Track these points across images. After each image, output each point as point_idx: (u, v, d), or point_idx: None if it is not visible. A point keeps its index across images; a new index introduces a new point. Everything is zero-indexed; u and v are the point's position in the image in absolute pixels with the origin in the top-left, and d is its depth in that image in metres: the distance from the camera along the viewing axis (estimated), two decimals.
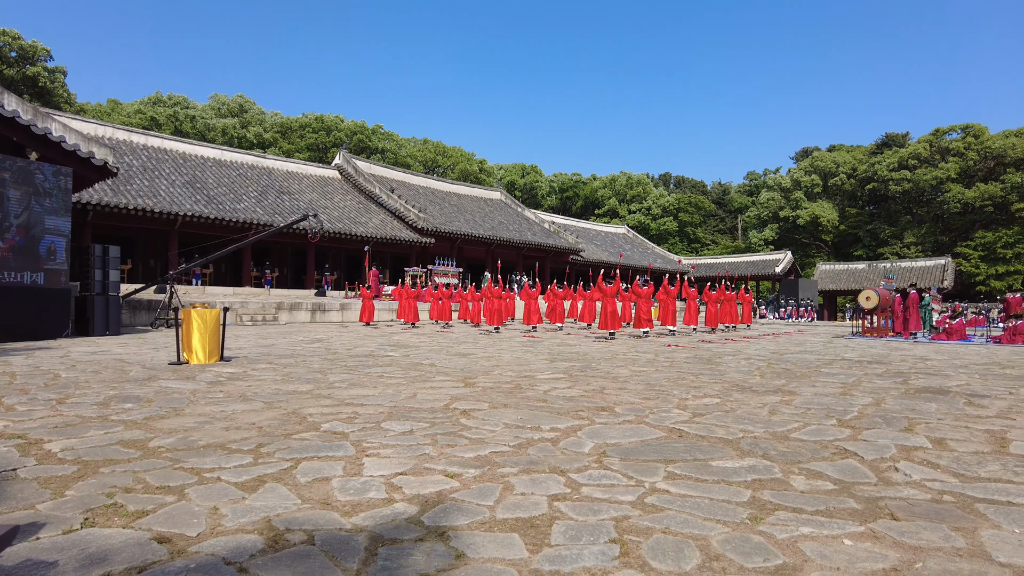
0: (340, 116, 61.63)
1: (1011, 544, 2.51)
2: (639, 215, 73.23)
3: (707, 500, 3.02)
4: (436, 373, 7.93)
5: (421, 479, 3.31)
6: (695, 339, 16.40)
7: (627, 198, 76.25)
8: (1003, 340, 16.76)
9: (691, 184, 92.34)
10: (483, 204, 42.73)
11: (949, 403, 6.04)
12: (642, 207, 74.67)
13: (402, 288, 22.86)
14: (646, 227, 70.96)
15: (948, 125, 58.82)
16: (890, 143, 63.95)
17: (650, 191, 77.38)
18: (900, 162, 57.89)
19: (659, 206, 74.43)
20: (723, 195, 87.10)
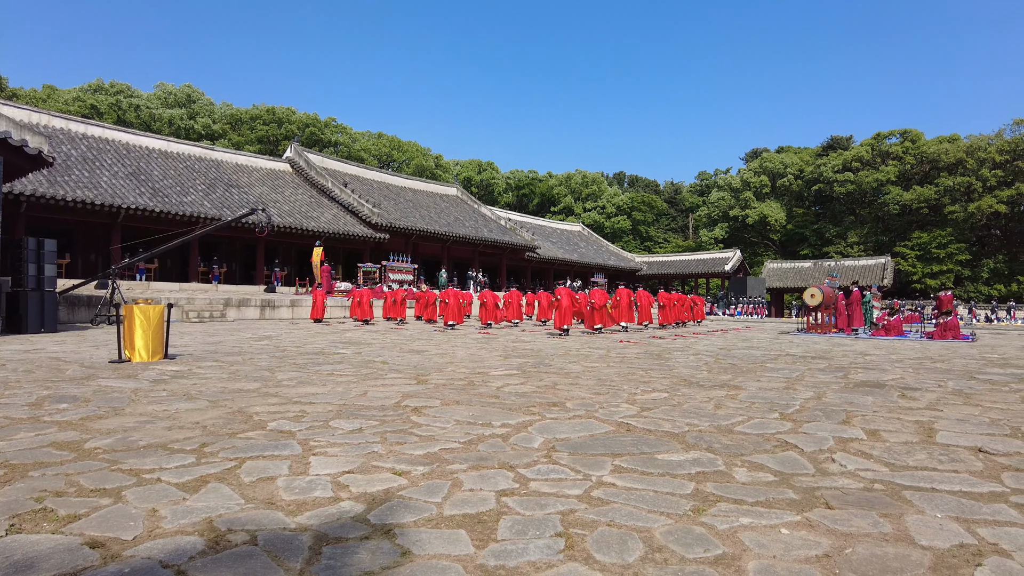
0: (292, 108, 60.37)
1: (932, 528, 2.64)
2: (594, 213, 74.01)
3: (652, 493, 3.08)
4: (388, 370, 7.86)
5: (369, 477, 3.28)
6: (647, 335, 16.68)
7: (582, 196, 76.98)
8: (935, 336, 17.58)
9: (644, 183, 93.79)
10: (439, 200, 42.49)
11: (884, 396, 6.31)
12: (597, 205, 75.49)
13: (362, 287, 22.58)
14: (601, 225, 71.78)
15: (888, 130, 61.39)
16: (835, 146, 66.21)
17: (605, 190, 78.32)
18: (844, 164, 60.03)
19: (613, 204, 75.39)
20: (675, 194, 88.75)
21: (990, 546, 2.47)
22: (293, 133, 55.49)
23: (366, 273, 29.66)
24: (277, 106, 59.52)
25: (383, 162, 65.19)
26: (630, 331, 18.47)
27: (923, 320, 24.56)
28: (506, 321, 21.76)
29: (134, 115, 51.50)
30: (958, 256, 52.53)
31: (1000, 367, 9.41)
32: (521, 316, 22.46)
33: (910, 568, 2.26)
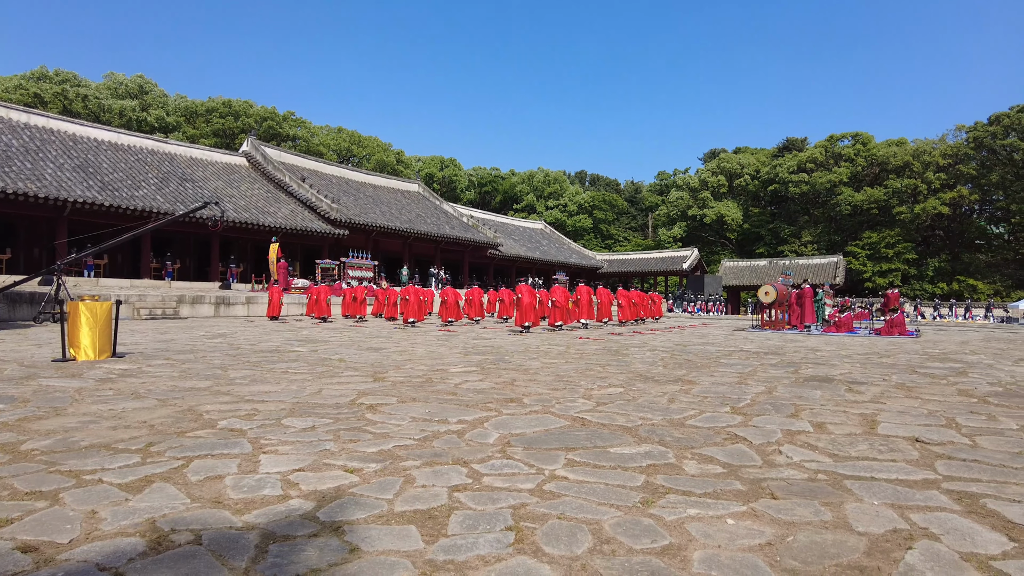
0: (250, 101, 59.11)
1: (869, 515, 2.75)
2: (556, 211, 74.39)
3: (603, 485, 3.12)
4: (345, 368, 7.77)
5: (319, 475, 3.24)
6: (606, 332, 16.86)
7: (545, 194, 77.30)
8: (883, 332, 18.20)
9: (605, 182, 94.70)
10: (400, 196, 42.13)
11: (832, 390, 6.51)
12: (559, 203, 75.90)
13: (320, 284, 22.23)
14: (562, 223, 72.20)
15: (841, 132, 63.29)
16: (790, 147, 67.94)
17: (567, 188, 78.80)
18: (799, 165, 61.64)
19: (575, 203, 75.90)
20: (635, 193, 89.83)
21: (921, 530, 2.58)
22: (250, 127, 54.32)
23: (324, 270, 29.22)
24: (234, 99, 58.19)
25: (343, 157, 64.30)
26: (590, 328, 18.64)
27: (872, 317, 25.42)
28: (468, 318, 21.73)
29: (81, 105, 49.64)
30: (905, 255, 54.50)
31: (940, 361, 9.80)
32: (483, 313, 22.45)
33: (846, 553, 2.35)
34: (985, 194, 56.49)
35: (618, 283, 47.58)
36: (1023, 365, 9.39)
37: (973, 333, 20.38)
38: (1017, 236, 56.78)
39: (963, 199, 55.84)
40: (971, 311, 41.12)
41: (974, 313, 40.81)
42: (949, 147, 56.89)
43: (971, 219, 59.24)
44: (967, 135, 55.98)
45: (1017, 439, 4.28)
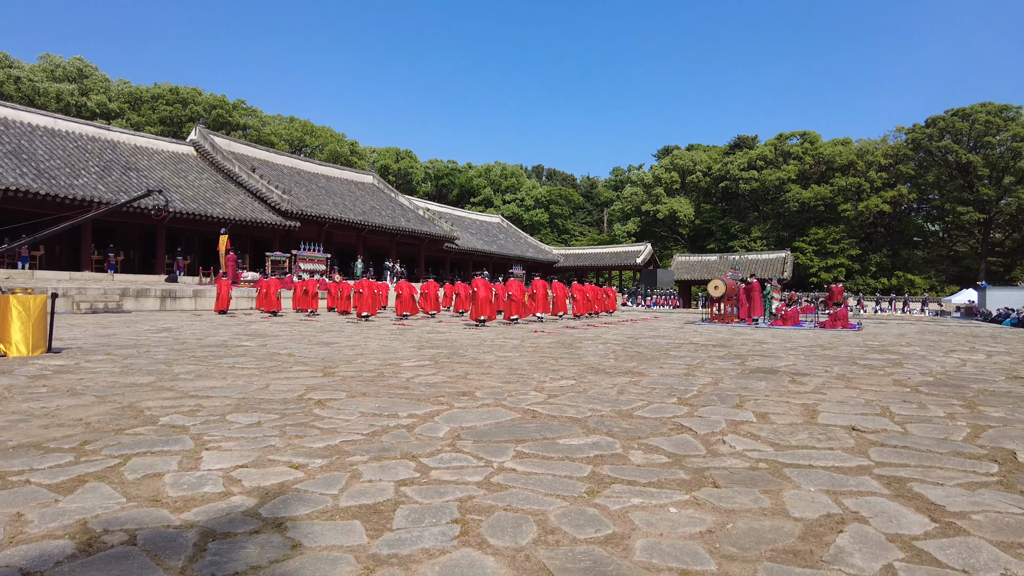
0: (198, 89, 57.19)
1: (806, 501, 2.85)
2: (513, 205, 74.45)
3: (550, 476, 3.15)
4: (294, 363, 7.63)
5: (263, 471, 3.18)
6: (561, 326, 16.99)
7: (502, 188, 77.25)
8: (827, 325, 18.85)
9: (562, 177, 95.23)
10: (354, 187, 41.49)
11: (776, 381, 6.71)
12: (516, 198, 75.97)
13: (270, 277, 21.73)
14: (519, 217, 72.31)
15: (790, 131, 65.02)
16: (741, 144, 69.51)
17: (524, 182, 78.92)
18: (749, 163, 63.16)
19: (532, 197, 76.10)
20: (591, 189, 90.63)
21: (852, 514, 2.68)
22: (199, 115, 52.61)
23: (275, 262, 28.58)
24: (181, 86, 56.21)
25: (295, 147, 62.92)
26: (545, 322, 18.75)
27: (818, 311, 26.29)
28: (423, 313, 21.59)
29: (13, 87, 47.21)
30: (849, 251, 56.48)
31: (879, 353, 10.20)
32: (439, 308, 22.33)
33: (782, 538, 2.43)
34: (922, 193, 58.98)
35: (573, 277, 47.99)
36: (952, 356, 9.86)
37: (910, 326, 21.29)
38: (951, 234, 59.53)
39: (903, 198, 58.18)
40: (909, 305, 42.96)
41: (912, 307, 42.64)
42: (890, 147, 59.20)
43: (910, 217, 61.76)
44: (906, 136, 58.29)
45: (943, 426, 4.49)
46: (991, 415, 4.93)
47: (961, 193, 54.70)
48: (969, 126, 53.50)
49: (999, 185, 53.67)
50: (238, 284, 25.07)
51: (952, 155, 54.03)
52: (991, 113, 52.84)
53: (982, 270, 52.80)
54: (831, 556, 2.26)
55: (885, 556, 2.27)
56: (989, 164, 53.28)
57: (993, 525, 2.59)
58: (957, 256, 58.80)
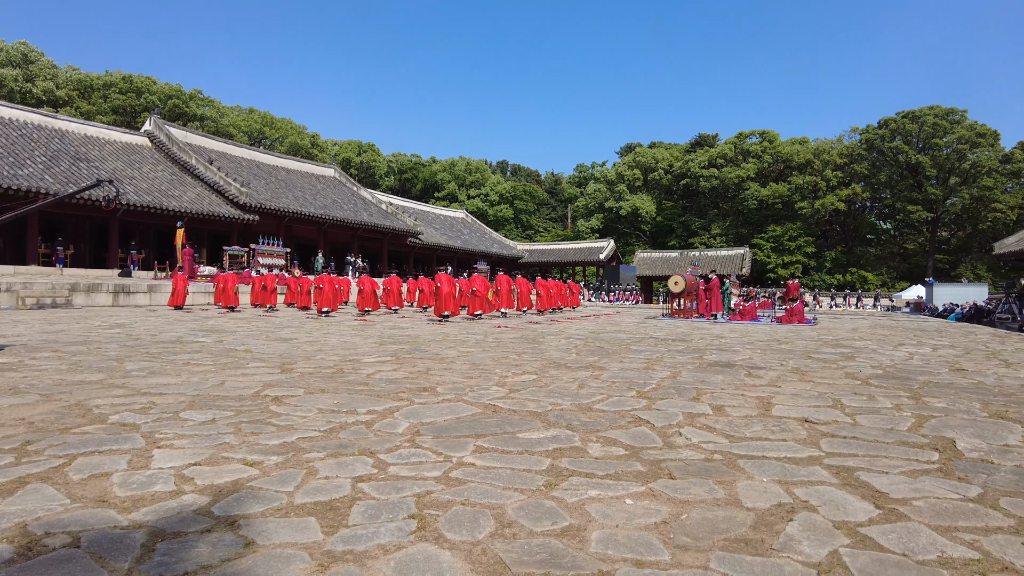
0: (153, 78, 55.58)
1: (758, 491, 2.91)
2: (478, 201, 74.29)
3: (509, 470, 3.16)
4: (251, 359, 7.48)
5: (217, 469, 3.11)
6: (524, 321, 17.04)
7: (466, 183, 77.00)
8: (783, 320, 19.32)
9: (526, 173, 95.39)
10: (315, 181, 40.84)
11: (733, 375, 6.84)
12: (480, 193, 75.82)
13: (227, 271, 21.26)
14: (484, 213, 72.21)
15: (749, 129, 66.33)
16: (702, 143, 70.66)
17: (488, 177, 78.80)
18: (710, 160, 64.25)
19: (496, 193, 76.06)
20: (555, 185, 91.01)
21: (802, 503, 2.76)
22: (154, 104, 51.08)
23: (233, 257, 27.99)
24: (135, 74, 54.55)
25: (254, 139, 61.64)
26: (509, 317, 18.78)
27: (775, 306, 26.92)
28: (386, 308, 21.40)
29: None
30: (806, 248, 57.93)
31: (833, 347, 10.50)
32: (401, 303, 22.17)
33: (735, 528, 2.48)
34: (875, 192, 60.83)
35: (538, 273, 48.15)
36: (901, 350, 10.20)
37: (863, 321, 21.95)
38: (901, 232, 61.58)
39: (857, 196, 59.95)
40: (862, 301, 44.30)
41: (865, 302, 43.98)
42: (845, 147, 60.92)
43: (863, 215, 63.66)
44: (860, 137, 60.08)
45: (890, 416, 4.65)
46: (934, 406, 5.12)
47: (911, 192, 56.61)
48: (918, 128, 55.38)
49: (946, 185, 55.71)
50: (195, 279, 24.48)
51: (902, 156, 55.86)
52: (938, 116, 54.78)
53: (930, 267, 54.79)
54: (780, 544, 2.32)
55: (831, 543, 2.34)
56: (936, 165, 55.25)
57: (932, 510, 2.69)
58: (907, 253, 60.88)
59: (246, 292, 22.83)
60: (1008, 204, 53.54)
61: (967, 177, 54.66)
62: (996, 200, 53.59)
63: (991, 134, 54.23)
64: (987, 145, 54.26)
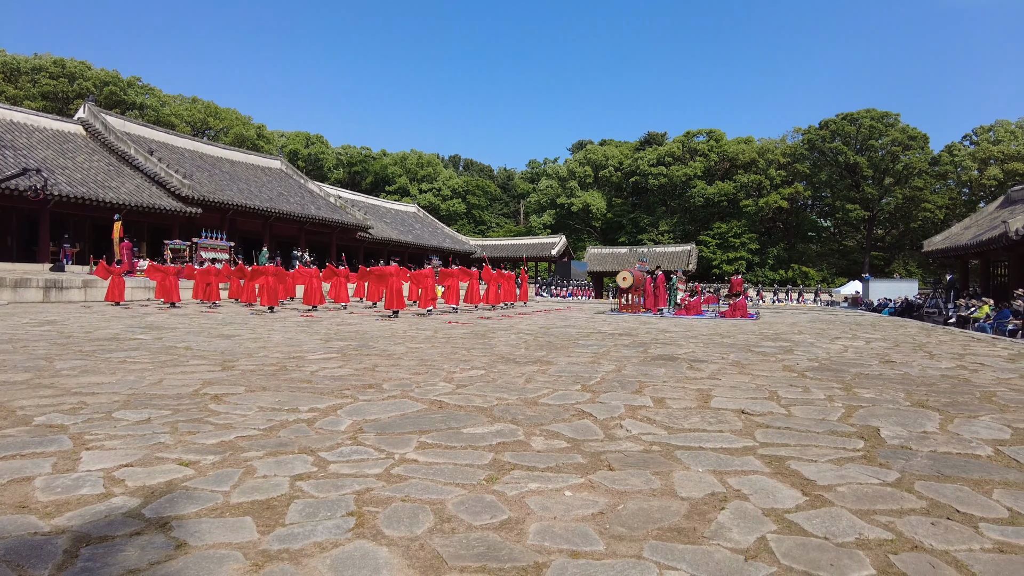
0: (87, 63, 53.11)
1: (693, 481, 3.01)
2: (430, 195, 73.75)
3: (451, 466, 3.17)
4: (191, 357, 7.27)
5: (150, 469, 3.02)
6: (476, 316, 17.03)
7: (418, 177, 76.34)
8: (727, 315, 19.86)
9: (479, 168, 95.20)
10: (260, 173, 39.80)
11: (675, 368, 7.01)
12: (433, 187, 75.29)
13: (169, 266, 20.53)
14: (436, 207, 71.73)
15: (697, 128, 67.78)
16: (651, 141, 71.82)
17: (441, 172, 78.33)
18: (659, 159, 65.40)
19: (449, 187, 75.65)
20: (508, 180, 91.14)
21: (735, 492, 2.86)
22: (88, 91, 48.79)
23: (174, 251, 27.05)
24: (68, 58, 52.00)
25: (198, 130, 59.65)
26: (460, 312, 18.73)
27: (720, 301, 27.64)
28: (333, 303, 21.07)
29: None
30: (750, 245, 59.61)
31: (772, 341, 10.86)
32: (349, 299, 21.85)
33: (669, 517, 2.55)
34: (816, 191, 63.03)
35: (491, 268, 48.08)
36: (837, 343, 10.63)
37: (803, 315, 22.75)
38: (840, 229, 64.03)
39: (799, 195, 61.95)
40: (803, 296, 45.88)
41: (805, 297, 45.55)
42: (788, 147, 62.91)
43: (805, 213, 65.87)
44: (803, 137, 62.10)
45: (823, 407, 4.85)
46: (863, 396, 5.36)
47: (849, 192, 58.90)
48: (856, 130, 57.64)
49: (881, 185, 58.19)
50: (133, 274, 23.57)
51: (842, 156, 58.06)
52: (875, 119, 57.14)
53: (866, 263, 57.13)
54: (712, 532, 2.40)
55: (760, 529, 2.43)
56: (873, 165, 57.63)
57: (854, 495, 2.83)
58: (845, 250, 63.35)
59: (188, 287, 22.11)
60: (936, 204, 56.30)
61: (900, 178, 57.22)
62: (926, 200, 56.29)
63: (921, 137, 56.90)
64: (918, 148, 56.90)
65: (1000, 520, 2.58)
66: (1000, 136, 56.27)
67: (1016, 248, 22.44)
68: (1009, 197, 29.79)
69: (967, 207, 54.68)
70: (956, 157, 56.58)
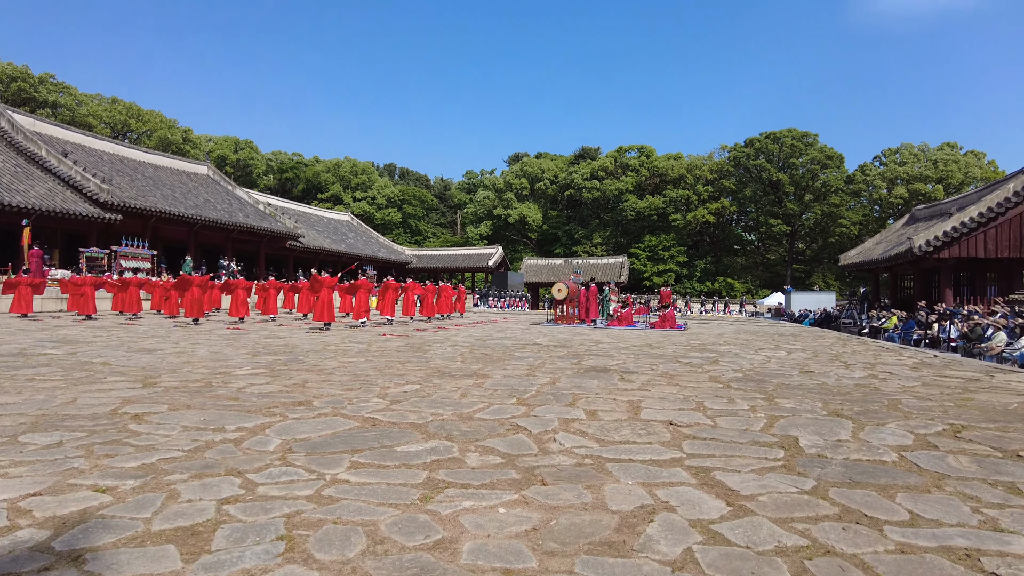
0: None
1: (623, 494, 3.08)
2: (364, 203, 72.73)
3: (384, 485, 3.14)
4: (109, 373, 6.90)
5: (61, 498, 2.86)
6: (411, 328, 16.87)
7: (352, 185, 75.20)
8: (656, 326, 20.41)
9: (415, 177, 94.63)
10: (186, 179, 38.27)
11: (608, 380, 7.16)
12: (367, 196, 74.30)
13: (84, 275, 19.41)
14: (371, 216, 70.77)
15: (629, 144, 69.69)
16: (585, 155, 73.43)
17: (376, 180, 77.42)
18: (592, 173, 66.87)
19: (384, 196, 74.84)
20: (445, 190, 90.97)
21: (663, 504, 2.95)
22: None
23: (90, 259, 25.61)
24: None
25: (118, 132, 56.89)
26: (395, 324, 18.51)
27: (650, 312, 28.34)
28: (261, 315, 20.44)
29: None
30: (678, 258, 61.58)
31: (700, 352, 11.24)
32: (277, 310, 21.25)
33: (600, 531, 2.61)
34: (741, 206, 65.83)
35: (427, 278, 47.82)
36: (760, 354, 11.10)
37: (729, 326, 23.63)
38: (764, 243, 67.00)
39: (725, 210, 64.53)
40: (729, 307, 47.72)
41: (732, 308, 47.39)
42: (715, 164, 65.51)
43: (731, 227, 68.65)
44: (729, 154, 64.82)
45: (746, 418, 5.06)
46: (784, 406, 5.62)
47: (772, 207, 61.79)
48: (779, 148, 60.61)
49: (802, 201, 61.31)
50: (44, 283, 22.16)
51: (765, 173, 60.88)
52: (796, 138, 60.26)
53: (788, 276, 59.96)
54: (641, 544, 2.47)
55: (686, 540, 2.52)
56: (794, 182, 60.69)
57: (774, 504, 2.97)
58: (769, 263, 66.29)
59: (106, 298, 20.98)
60: (851, 220, 59.83)
61: (819, 195, 60.47)
62: (842, 216, 59.73)
63: (837, 157, 60.41)
64: (834, 167, 60.39)
65: (902, 523, 2.77)
66: (905, 158, 60.38)
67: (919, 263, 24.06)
68: (914, 215, 31.92)
69: (878, 223, 58.35)
70: (868, 176, 60.32)
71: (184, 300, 17.41)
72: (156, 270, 28.25)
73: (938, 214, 27.82)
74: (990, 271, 24.10)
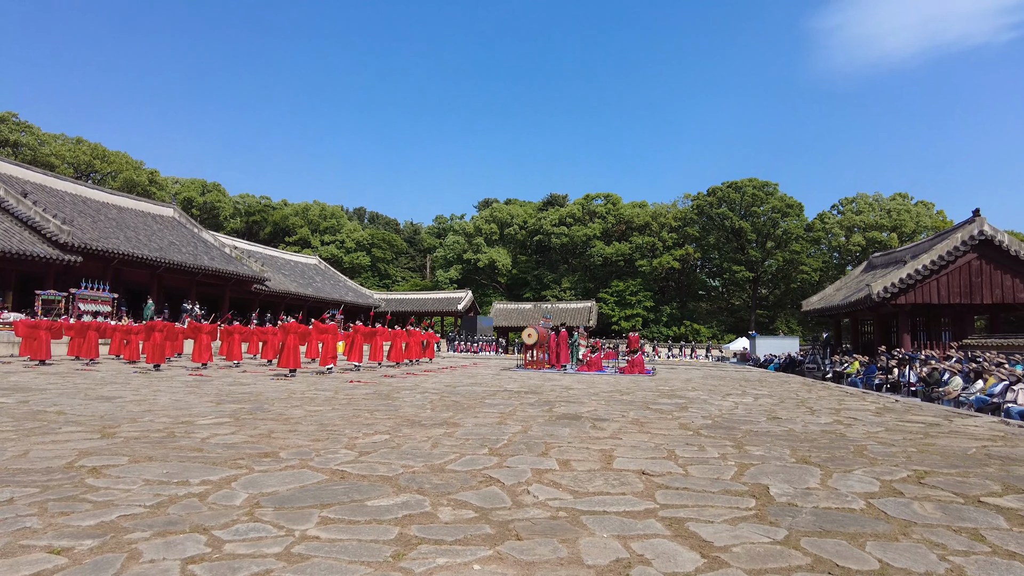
0: None
1: (599, 548, 3.06)
2: (332, 247, 72.34)
3: (356, 542, 3.06)
4: (64, 423, 6.65)
5: (12, 561, 2.72)
6: (379, 374, 16.65)
7: (320, 228, 74.90)
8: (625, 371, 20.51)
9: (385, 221, 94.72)
10: (151, 221, 37.69)
11: (579, 427, 7.15)
12: (336, 239, 73.99)
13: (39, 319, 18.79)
14: (339, 260, 70.35)
15: (596, 192, 71.13)
16: (554, 202, 74.66)
17: (344, 224, 77.27)
18: (560, 219, 67.91)
19: (353, 240, 74.61)
20: (414, 235, 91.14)
21: (638, 557, 2.94)
22: None
23: (47, 302, 24.84)
24: None
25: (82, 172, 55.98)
26: (362, 370, 18.25)
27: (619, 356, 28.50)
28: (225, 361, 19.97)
29: None
30: (645, 303, 62.29)
31: (668, 398, 11.30)
32: (242, 356, 20.79)
33: None
34: (706, 253, 67.20)
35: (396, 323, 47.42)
36: (728, 400, 11.22)
37: (696, 371, 23.86)
38: (728, 289, 68.30)
39: (690, 256, 65.79)
40: (696, 351, 48.22)
41: (698, 353, 47.88)
42: (679, 211, 67.12)
43: (696, 273, 69.90)
44: (692, 203, 66.53)
45: (717, 466, 5.09)
46: (753, 454, 5.68)
47: (735, 254, 63.24)
48: (740, 197, 62.46)
49: (764, 248, 62.92)
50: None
51: (728, 221, 62.50)
52: (756, 187, 62.26)
53: (752, 321, 61.04)
54: None
55: None
56: (756, 230, 62.36)
57: (748, 555, 2.98)
58: (733, 308, 67.46)
59: (63, 343, 20.30)
60: (812, 267, 61.50)
61: (780, 242, 62.18)
62: (803, 263, 61.38)
63: (797, 205, 62.45)
64: (794, 215, 62.34)
65: (873, 572, 2.80)
66: (861, 207, 62.74)
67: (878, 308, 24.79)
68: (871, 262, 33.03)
69: (838, 270, 60.10)
70: (827, 224, 62.36)
71: (146, 345, 16.95)
72: (117, 313, 27.52)
73: (893, 261, 28.84)
74: (944, 316, 24.96)
